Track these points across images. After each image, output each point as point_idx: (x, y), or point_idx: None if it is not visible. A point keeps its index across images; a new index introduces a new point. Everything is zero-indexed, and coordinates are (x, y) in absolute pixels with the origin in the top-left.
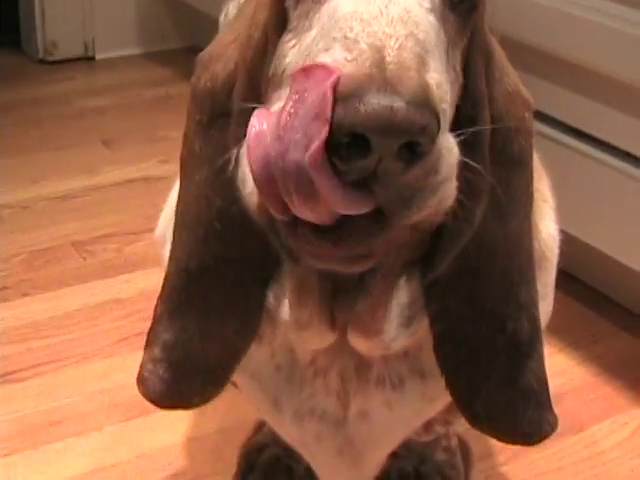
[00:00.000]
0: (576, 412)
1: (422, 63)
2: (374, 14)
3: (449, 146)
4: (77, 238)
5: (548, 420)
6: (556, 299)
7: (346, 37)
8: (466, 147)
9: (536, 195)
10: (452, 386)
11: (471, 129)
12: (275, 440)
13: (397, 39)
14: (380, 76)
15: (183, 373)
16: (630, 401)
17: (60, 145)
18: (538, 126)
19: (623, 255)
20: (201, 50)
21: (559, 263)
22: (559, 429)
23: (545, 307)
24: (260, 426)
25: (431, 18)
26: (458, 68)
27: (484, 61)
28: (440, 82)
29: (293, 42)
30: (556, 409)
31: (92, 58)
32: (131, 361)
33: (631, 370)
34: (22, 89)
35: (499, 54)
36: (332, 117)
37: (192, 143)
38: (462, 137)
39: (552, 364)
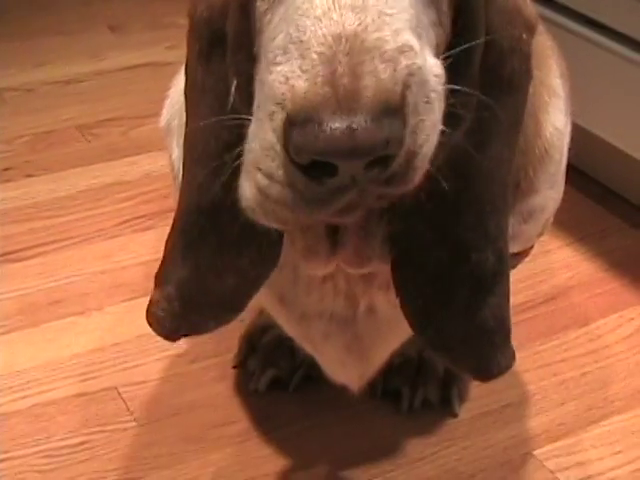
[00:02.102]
0: (582, 306)
1: (378, 55)
2: (326, 7)
3: (430, 97)
4: (82, 121)
5: (498, 362)
6: (566, 194)
7: (300, 40)
8: (454, 64)
9: (542, 89)
10: (407, 309)
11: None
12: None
13: (347, 39)
14: (334, 95)
15: (196, 306)
16: (637, 297)
17: (66, 30)
18: (558, 18)
19: (635, 149)
20: None
21: (571, 153)
22: (565, 321)
23: (554, 194)
24: (263, 309)
25: None
26: (445, 18)
27: None
28: (407, 44)
29: (268, 16)
30: (562, 302)
31: None
32: (134, 243)
33: (638, 266)
34: None
35: None
36: (289, 141)
37: (194, 74)
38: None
39: (560, 258)
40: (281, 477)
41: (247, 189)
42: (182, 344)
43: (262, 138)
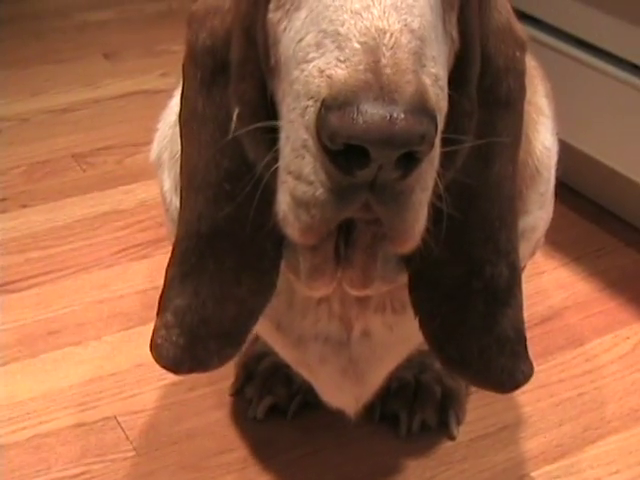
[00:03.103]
0: (578, 326)
1: (418, 60)
2: (365, 3)
3: (437, 153)
4: (77, 150)
5: (521, 369)
6: (560, 214)
7: (338, 33)
8: (454, 86)
9: (530, 108)
10: (426, 328)
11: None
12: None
13: (391, 35)
14: (376, 83)
15: (198, 338)
16: (632, 316)
17: (61, 58)
18: (543, 37)
19: (629, 169)
20: None
21: (560, 173)
22: (561, 342)
23: (544, 214)
24: (259, 336)
25: None
26: (455, 33)
27: None
28: (437, 75)
29: (284, 24)
30: (558, 323)
31: None
32: (130, 271)
33: (634, 285)
34: (23, 2)
35: None
36: (324, 125)
37: (194, 103)
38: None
39: (555, 278)
40: None
41: (281, 197)
42: None
43: (293, 139)
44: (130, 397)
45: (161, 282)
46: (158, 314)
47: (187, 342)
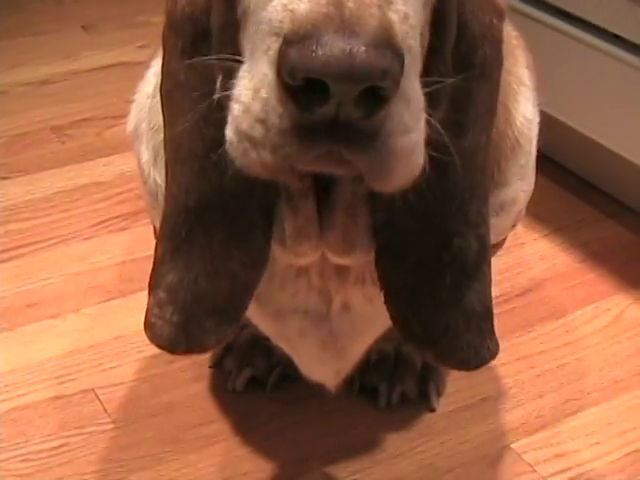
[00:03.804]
0: (558, 297)
1: None
2: None
3: (415, 95)
4: (56, 122)
5: (487, 346)
6: (542, 186)
7: None
8: (428, 52)
9: (510, 79)
10: (391, 303)
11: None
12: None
13: None
14: (338, 16)
15: (192, 315)
16: (613, 287)
17: (39, 30)
18: (525, 8)
19: (610, 141)
20: None
21: (541, 144)
22: (542, 313)
23: (524, 186)
24: None
25: None
26: None
27: None
28: (406, 13)
29: None
30: (539, 294)
31: None
32: (109, 244)
33: (615, 257)
34: None
35: None
36: (284, 61)
37: (176, 73)
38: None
39: (536, 250)
40: (260, 476)
41: (230, 134)
42: None
43: (257, 74)
44: (109, 369)
45: (140, 254)
46: (150, 292)
47: (182, 320)
